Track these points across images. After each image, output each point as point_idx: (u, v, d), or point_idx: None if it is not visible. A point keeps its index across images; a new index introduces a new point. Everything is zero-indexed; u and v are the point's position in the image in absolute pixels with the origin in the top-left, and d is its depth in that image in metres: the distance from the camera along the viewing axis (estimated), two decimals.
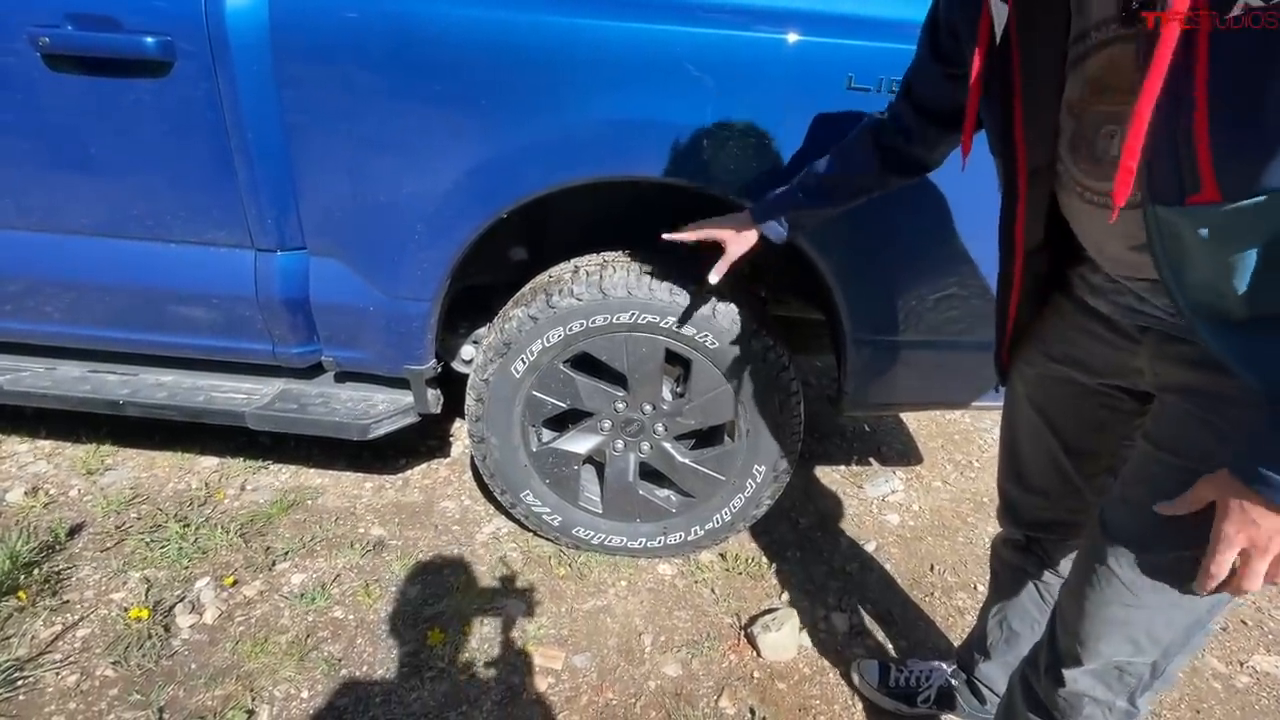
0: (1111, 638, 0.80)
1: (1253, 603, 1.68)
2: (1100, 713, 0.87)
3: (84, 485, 1.85)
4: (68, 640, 1.41)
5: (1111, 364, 0.84)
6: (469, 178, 1.28)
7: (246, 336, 1.49)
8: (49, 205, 1.41)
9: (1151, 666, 0.82)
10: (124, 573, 1.57)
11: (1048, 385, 0.95)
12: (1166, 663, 0.82)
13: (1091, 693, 0.86)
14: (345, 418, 1.56)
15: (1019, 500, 1.09)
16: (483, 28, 1.18)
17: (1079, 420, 0.94)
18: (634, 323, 1.39)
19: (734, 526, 1.64)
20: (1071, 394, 0.92)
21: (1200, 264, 0.62)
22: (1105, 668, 0.83)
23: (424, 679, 1.38)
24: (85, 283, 1.48)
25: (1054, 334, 0.91)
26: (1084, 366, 0.89)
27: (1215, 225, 0.59)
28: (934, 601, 1.66)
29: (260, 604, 1.53)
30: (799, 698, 1.40)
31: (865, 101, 1.16)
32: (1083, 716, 0.87)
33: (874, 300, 1.38)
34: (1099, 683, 0.85)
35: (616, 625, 1.54)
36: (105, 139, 1.31)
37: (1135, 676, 0.83)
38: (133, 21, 1.19)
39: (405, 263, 1.38)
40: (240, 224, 1.37)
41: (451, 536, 1.75)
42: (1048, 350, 0.93)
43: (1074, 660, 0.85)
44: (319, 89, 1.24)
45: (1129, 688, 0.84)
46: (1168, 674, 0.83)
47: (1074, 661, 0.85)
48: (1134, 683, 0.84)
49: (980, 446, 2.26)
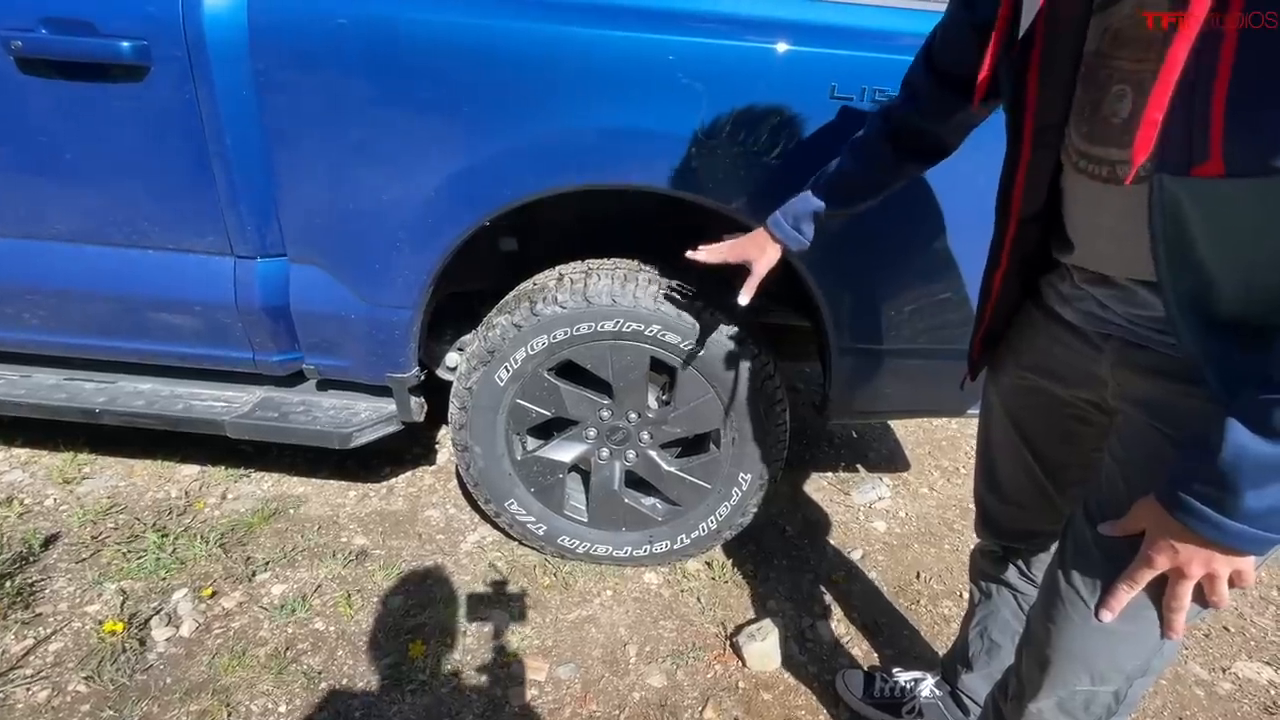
0: (1075, 668, 0.79)
1: (1235, 610, 1.69)
2: None
3: (60, 494, 1.81)
4: (39, 655, 1.38)
5: (1079, 372, 0.84)
6: (451, 184, 1.27)
7: (226, 344, 1.47)
8: (24, 211, 1.38)
9: (1114, 695, 0.81)
10: (99, 584, 1.54)
11: (1021, 395, 0.95)
12: (1128, 690, 0.81)
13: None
14: (327, 426, 1.54)
15: (995, 510, 1.09)
16: (464, 34, 1.17)
17: (1050, 431, 0.94)
18: (619, 330, 1.38)
19: (720, 535, 1.63)
20: (1043, 404, 0.92)
21: (1197, 246, 0.60)
22: (1070, 697, 0.82)
23: (405, 691, 1.36)
24: (61, 289, 1.46)
25: (1026, 344, 0.92)
26: (1054, 376, 0.89)
27: (1215, 202, 0.57)
28: (920, 609, 1.65)
29: (239, 616, 1.50)
30: (784, 708, 1.39)
31: (848, 110, 1.16)
32: None
33: (859, 308, 1.37)
34: (1064, 714, 0.84)
35: (601, 635, 1.52)
36: (81, 144, 1.29)
37: (1101, 706, 0.82)
38: (108, 26, 1.17)
39: (387, 270, 1.37)
40: (219, 230, 1.35)
41: (435, 546, 1.73)
42: (1019, 360, 0.93)
43: (1038, 689, 0.84)
44: (299, 94, 1.22)
45: (1095, 717, 0.83)
46: (1130, 700, 0.82)
47: (1039, 691, 0.84)
48: (1100, 712, 0.83)
49: (967, 453, 2.27)
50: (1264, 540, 0.61)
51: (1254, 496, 0.58)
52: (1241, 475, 0.58)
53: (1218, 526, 0.61)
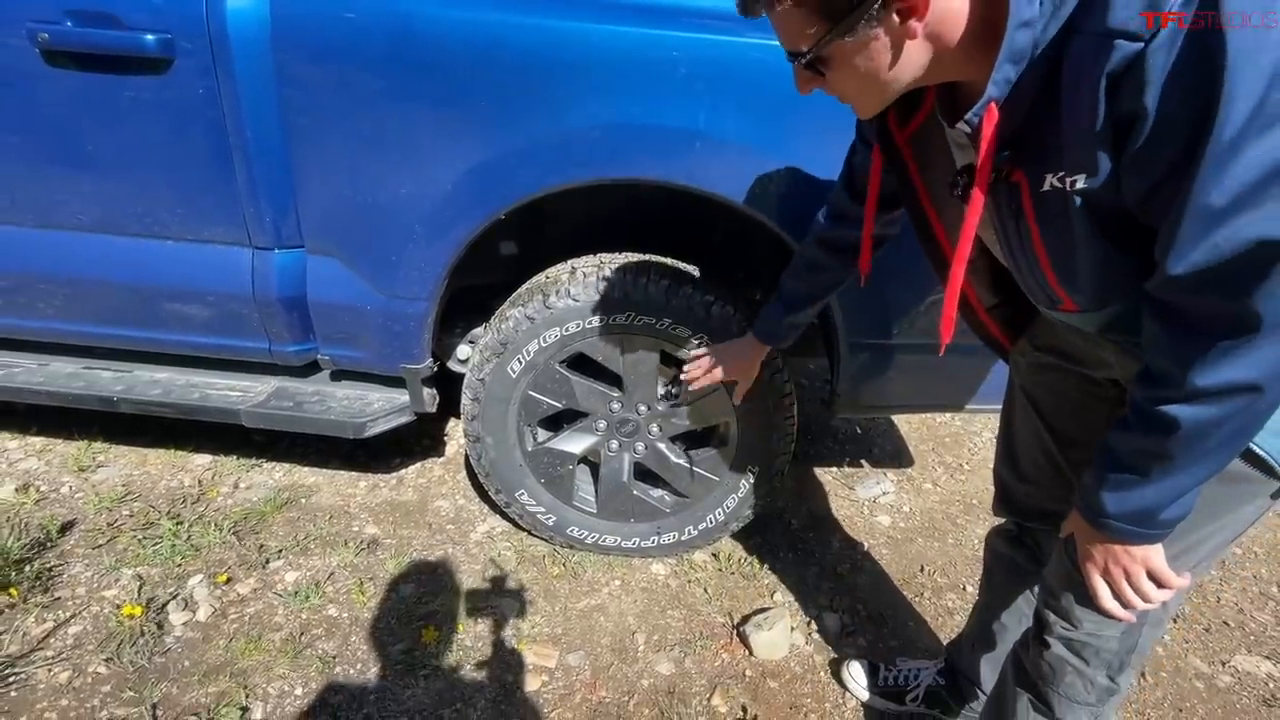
0: (1087, 603, 0.84)
1: (1235, 604, 1.71)
2: (1082, 685, 0.91)
3: (75, 482, 1.84)
4: (60, 637, 1.40)
5: (1091, 356, 0.90)
6: (467, 178, 1.29)
7: (243, 334, 1.50)
8: (47, 201, 1.41)
9: (1120, 638, 0.86)
10: (116, 570, 1.56)
11: (1037, 373, 1.01)
12: (1136, 634, 0.86)
13: (1072, 662, 0.90)
14: (341, 416, 1.56)
15: (1013, 487, 1.13)
16: (481, 30, 1.19)
17: (1063, 405, 1.00)
18: (629, 324, 1.40)
19: (727, 527, 1.65)
20: (1057, 379, 0.98)
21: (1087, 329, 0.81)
22: (1082, 639, 0.88)
23: (418, 676, 1.39)
24: (82, 279, 1.48)
25: (1041, 328, 0.98)
26: (1064, 354, 0.95)
27: (1081, 319, 0.79)
28: (924, 602, 1.68)
29: (254, 602, 1.53)
30: (790, 696, 1.42)
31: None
32: (1064, 684, 0.91)
33: (867, 304, 1.39)
34: (1077, 656, 0.89)
35: (610, 624, 1.55)
36: (104, 136, 1.31)
37: (1109, 651, 0.87)
38: (133, 19, 1.19)
39: (403, 262, 1.39)
40: (238, 222, 1.37)
41: (446, 535, 1.76)
42: (1035, 341, 1.00)
43: (1055, 625, 0.89)
44: (319, 88, 1.24)
45: (1105, 662, 0.88)
46: (1140, 646, 0.88)
47: (1055, 627, 0.89)
48: (1109, 657, 0.88)
49: (970, 449, 2.29)
50: (1132, 534, 0.71)
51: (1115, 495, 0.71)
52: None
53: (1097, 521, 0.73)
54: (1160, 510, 0.69)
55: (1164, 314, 0.63)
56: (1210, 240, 0.55)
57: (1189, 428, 0.62)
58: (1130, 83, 0.55)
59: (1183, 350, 0.62)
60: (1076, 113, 0.59)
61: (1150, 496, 0.68)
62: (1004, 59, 0.61)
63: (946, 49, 0.64)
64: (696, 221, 1.58)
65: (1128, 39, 0.54)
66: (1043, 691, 0.94)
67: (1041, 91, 0.62)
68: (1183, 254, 0.57)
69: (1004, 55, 0.60)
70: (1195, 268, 0.57)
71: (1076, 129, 0.60)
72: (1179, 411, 0.62)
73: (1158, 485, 0.68)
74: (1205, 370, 0.60)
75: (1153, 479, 0.67)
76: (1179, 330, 0.62)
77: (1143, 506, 0.69)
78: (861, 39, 0.63)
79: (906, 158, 0.83)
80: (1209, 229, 0.55)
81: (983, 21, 0.62)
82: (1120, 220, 0.64)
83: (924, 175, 0.84)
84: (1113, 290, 0.72)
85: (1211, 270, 0.56)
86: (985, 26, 0.62)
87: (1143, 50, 0.54)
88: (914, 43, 0.63)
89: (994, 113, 0.63)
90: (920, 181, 0.84)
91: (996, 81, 0.62)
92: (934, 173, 0.82)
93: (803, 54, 0.66)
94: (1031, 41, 0.60)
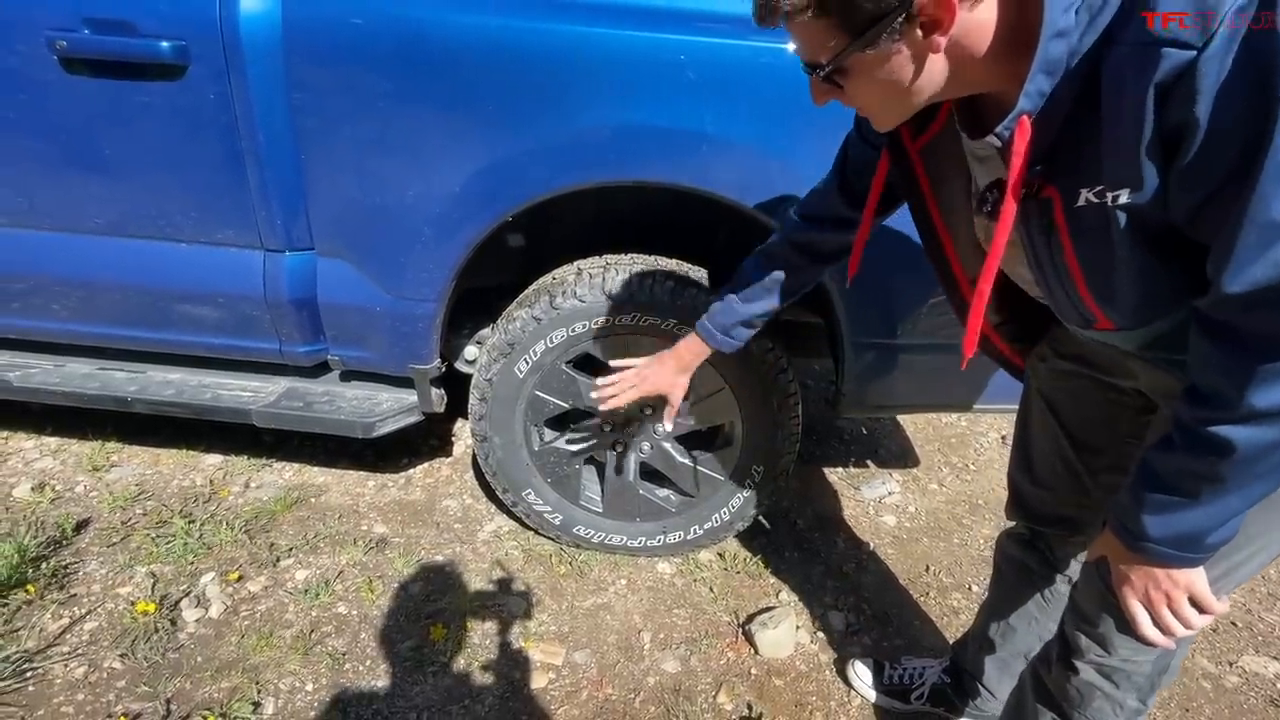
0: (1127, 630, 0.82)
1: (1242, 605, 1.71)
2: (1111, 709, 0.89)
3: (90, 481, 1.87)
4: (75, 633, 1.43)
5: (1112, 363, 0.89)
6: (475, 181, 1.31)
7: (254, 335, 1.52)
8: (63, 205, 1.43)
9: (1154, 661, 0.85)
10: (130, 567, 1.59)
11: (1059, 379, 1.00)
12: (1169, 658, 0.85)
13: (1102, 687, 0.88)
14: (350, 416, 1.58)
15: (1027, 492, 1.11)
16: (490, 34, 1.20)
17: (1084, 413, 0.98)
18: (636, 325, 1.41)
19: (732, 526, 1.66)
20: (1079, 387, 0.97)
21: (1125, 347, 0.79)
22: (1115, 665, 0.86)
23: (426, 673, 1.40)
24: (97, 281, 1.51)
25: (1064, 334, 0.96)
26: (1088, 363, 0.93)
27: (1120, 338, 0.77)
28: (929, 601, 1.68)
29: (265, 599, 1.55)
30: (795, 694, 1.42)
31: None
32: (1093, 708, 0.90)
33: (872, 304, 1.40)
34: (1108, 680, 0.87)
35: (616, 622, 1.56)
36: (119, 141, 1.34)
37: (1141, 675, 0.86)
38: (148, 26, 1.22)
39: (412, 264, 1.41)
40: (250, 225, 1.39)
41: (453, 534, 1.77)
42: (1057, 348, 0.99)
43: (1088, 651, 0.87)
44: (330, 93, 1.27)
45: (1136, 686, 0.87)
46: (1172, 667, 0.87)
47: (1088, 653, 0.87)
48: (1140, 680, 0.86)
49: (976, 450, 2.29)
50: (1174, 557, 0.68)
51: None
52: None
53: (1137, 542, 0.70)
54: (1208, 534, 0.66)
55: (1217, 332, 0.60)
56: (1272, 256, 0.53)
57: (1245, 450, 0.59)
58: (1180, 93, 0.52)
59: (1237, 369, 0.58)
60: (1119, 125, 0.57)
61: (1198, 520, 0.65)
62: (1037, 70, 0.58)
63: (971, 61, 0.62)
64: (703, 223, 1.59)
65: (1178, 47, 0.52)
66: (1068, 714, 0.92)
67: (1076, 104, 0.59)
68: (1241, 270, 0.55)
69: (1037, 66, 0.58)
70: (1255, 285, 0.54)
71: (1119, 142, 0.57)
72: (1233, 433, 0.59)
73: (1207, 508, 0.64)
74: (1263, 390, 0.57)
75: (1202, 502, 0.64)
76: (1233, 348, 0.59)
77: (1189, 530, 0.66)
78: (883, 52, 0.61)
79: (917, 169, 0.81)
80: (1271, 244, 0.53)
81: (1011, 31, 0.59)
82: (1166, 235, 0.62)
83: (935, 188, 0.82)
84: (1155, 307, 0.70)
85: (1273, 288, 0.54)
86: (1014, 37, 0.59)
87: (1194, 59, 0.51)
88: (937, 56, 0.61)
89: (1026, 126, 0.61)
90: (931, 193, 0.83)
91: (1029, 94, 0.60)
92: (947, 185, 0.81)
93: (822, 66, 0.64)
94: (1067, 52, 0.57)
